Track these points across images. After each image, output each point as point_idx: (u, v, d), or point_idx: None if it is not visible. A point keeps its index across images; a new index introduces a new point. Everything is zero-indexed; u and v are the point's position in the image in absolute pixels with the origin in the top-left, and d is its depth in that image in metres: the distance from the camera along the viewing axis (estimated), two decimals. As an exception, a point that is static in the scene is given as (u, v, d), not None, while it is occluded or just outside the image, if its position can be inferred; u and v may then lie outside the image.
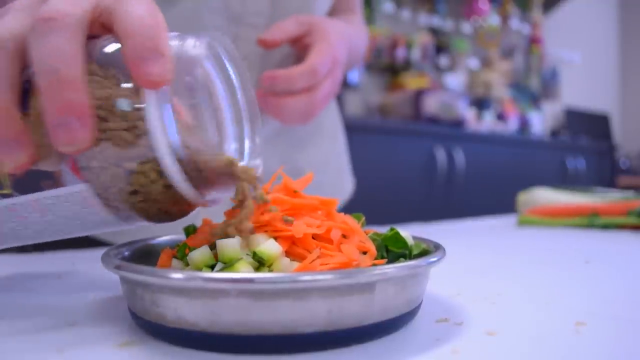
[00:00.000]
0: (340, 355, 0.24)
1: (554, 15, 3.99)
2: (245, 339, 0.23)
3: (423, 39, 3.10)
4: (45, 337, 0.26)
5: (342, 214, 0.31)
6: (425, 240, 0.32)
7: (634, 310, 0.32)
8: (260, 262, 0.26)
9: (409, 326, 0.28)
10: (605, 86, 4.56)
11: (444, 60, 3.25)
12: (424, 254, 0.31)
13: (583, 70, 4.25)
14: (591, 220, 0.75)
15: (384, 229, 0.32)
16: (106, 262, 0.26)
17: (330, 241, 0.28)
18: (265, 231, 0.28)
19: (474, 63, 3.45)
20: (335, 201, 0.31)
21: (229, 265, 0.26)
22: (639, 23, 4.57)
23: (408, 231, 0.32)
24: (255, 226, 0.27)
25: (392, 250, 0.31)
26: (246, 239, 0.27)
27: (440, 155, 2.52)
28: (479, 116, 3.13)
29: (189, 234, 0.32)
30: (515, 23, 3.64)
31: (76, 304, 0.32)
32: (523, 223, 0.81)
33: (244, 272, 0.25)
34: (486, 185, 2.71)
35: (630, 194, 0.80)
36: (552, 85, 3.93)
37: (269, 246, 0.26)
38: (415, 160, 2.46)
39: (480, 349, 0.25)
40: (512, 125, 3.33)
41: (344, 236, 0.29)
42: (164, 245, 0.33)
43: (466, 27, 3.42)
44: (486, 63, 3.52)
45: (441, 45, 3.26)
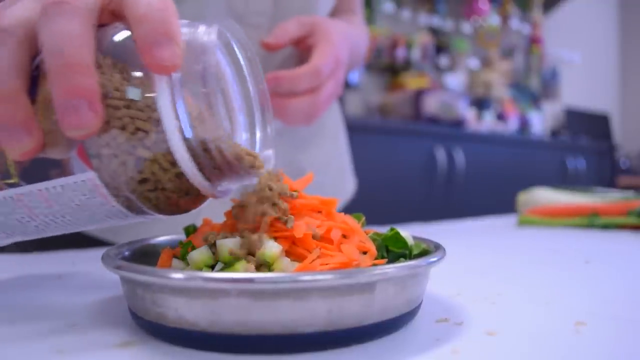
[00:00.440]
0: (340, 355, 0.24)
1: (554, 15, 3.99)
2: (245, 339, 0.23)
3: (423, 39, 3.10)
4: (46, 337, 0.26)
5: (342, 214, 0.31)
6: (425, 240, 0.32)
7: (634, 310, 0.32)
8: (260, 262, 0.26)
9: (409, 326, 0.28)
10: (605, 86, 4.56)
11: (444, 60, 3.25)
12: (424, 254, 0.31)
13: (583, 70, 4.25)
14: (591, 220, 0.75)
15: (384, 229, 0.32)
16: (106, 262, 0.26)
17: (331, 241, 0.28)
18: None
19: (474, 63, 3.45)
20: (335, 201, 0.31)
21: (229, 265, 0.26)
22: (639, 23, 4.57)
23: (408, 231, 0.32)
24: (256, 225, 0.27)
25: (392, 250, 0.31)
26: (248, 238, 0.27)
27: (440, 155, 2.52)
28: (479, 116, 3.13)
29: (189, 234, 0.32)
30: (515, 23, 3.64)
31: (76, 303, 0.32)
32: (523, 223, 0.81)
33: (244, 272, 0.25)
34: (486, 185, 2.71)
35: (630, 194, 0.80)
36: (552, 85, 3.93)
37: (270, 246, 0.26)
38: (415, 160, 2.46)
39: (480, 349, 0.25)
40: (512, 125, 3.33)
41: (344, 236, 0.29)
42: (164, 245, 0.33)
43: (466, 27, 3.41)
44: (486, 63, 3.52)
45: (441, 45, 3.25)
